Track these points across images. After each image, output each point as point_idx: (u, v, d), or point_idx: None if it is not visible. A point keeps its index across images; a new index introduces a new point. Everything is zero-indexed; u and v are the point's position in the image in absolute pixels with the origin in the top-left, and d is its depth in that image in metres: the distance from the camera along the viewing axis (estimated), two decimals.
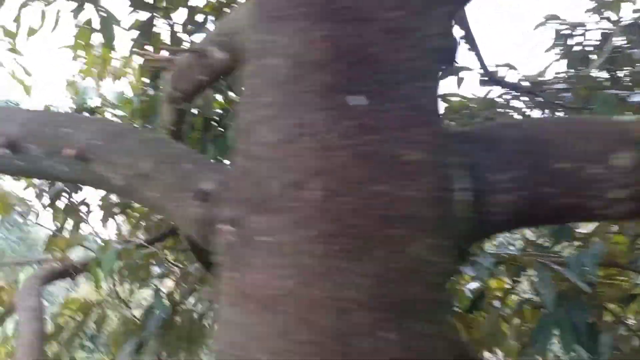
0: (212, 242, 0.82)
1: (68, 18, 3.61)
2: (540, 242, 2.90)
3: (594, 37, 4.68)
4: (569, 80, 3.42)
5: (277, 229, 0.70)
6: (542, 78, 3.84)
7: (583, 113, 2.88)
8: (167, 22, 3.72)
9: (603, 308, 3.14)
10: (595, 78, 3.71)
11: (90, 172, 0.97)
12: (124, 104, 4.31)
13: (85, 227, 4.39)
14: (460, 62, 3.00)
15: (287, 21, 0.73)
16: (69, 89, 4.62)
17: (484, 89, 3.18)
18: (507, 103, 3.29)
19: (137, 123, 3.72)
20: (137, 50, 3.18)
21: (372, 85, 0.71)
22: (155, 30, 3.75)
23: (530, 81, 3.43)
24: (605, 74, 4.14)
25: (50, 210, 4.41)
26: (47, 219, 4.39)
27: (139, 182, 0.92)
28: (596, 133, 0.81)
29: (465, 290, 2.55)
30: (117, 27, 3.42)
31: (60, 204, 4.43)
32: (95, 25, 3.45)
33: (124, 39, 3.49)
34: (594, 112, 2.56)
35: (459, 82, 3.02)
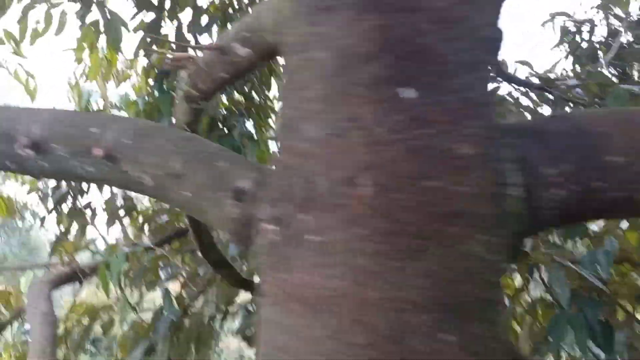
0: (250, 242, 0.80)
1: (72, 20, 3.59)
2: (551, 239, 2.87)
3: (600, 34, 4.68)
4: (580, 77, 3.41)
5: (326, 227, 0.67)
6: (552, 75, 3.83)
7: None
8: (173, 23, 3.70)
9: (616, 305, 3.12)
10: (605, 74, 3.70)
11: (119, 172, 0.94)
12: (128, 106, 4.30)
13: (90, 231, 4.37)
14: None
15: (333, 12, 0.70)
16: (72, 92, 4.60)
17: (491, 85, 3.18)
18: (517, 99, 3.28)
19: None
20: (155, 50, 3.15)
21: (422, 77, 0.68)
22: (161, 31, 3.73)
23: (539, 78, 3.42)
24: (613, 70, 4.13)
25: (54, 214, 4.38)
26: (50, 223, 4.37)
27: (171, 182, 0.89)
28: None
29: None
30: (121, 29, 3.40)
31: (65, 208, 4.41)
32: (100, 27, 3.43)
33: (129, 41, 3.46)
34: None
35: None
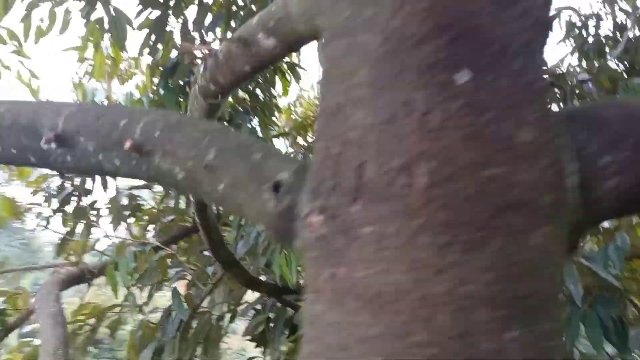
0: (292, 236, 0.76)
1: (77, 19, 3.55)
2: None
3: (606, 28, 4.64)
4: (591, 71, 3.39)
5: (380, 218, 0.64)
6: (559, 70, 3.80)
7: None
8: (179, 20, 3.66)
9: (628, 302, 3.09)
10: (615, 69, 3.68)
11: (148, 165, 0.91)
12: (133, 105, 4.26)
13: (95, 231, 4.34)
14: None
15: None
16: (76, 91, 4.56)
17: None
18: None
19: None
20: (175, 45, 3.12)
21: (477, 60, 0.65)
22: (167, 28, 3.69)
23: (548, 74, 3.39)
24: (621, 64, 4.10)
25: (59, 214, 4.35)
26: (53, 224, 4.33)
27: (203, 174, 0.86)
28: None
29: None
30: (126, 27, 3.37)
31: (69, 208, 4.37)
32: (105, 25, 3.39)
33: (133, 39, 3.42)
34: None
35: None
